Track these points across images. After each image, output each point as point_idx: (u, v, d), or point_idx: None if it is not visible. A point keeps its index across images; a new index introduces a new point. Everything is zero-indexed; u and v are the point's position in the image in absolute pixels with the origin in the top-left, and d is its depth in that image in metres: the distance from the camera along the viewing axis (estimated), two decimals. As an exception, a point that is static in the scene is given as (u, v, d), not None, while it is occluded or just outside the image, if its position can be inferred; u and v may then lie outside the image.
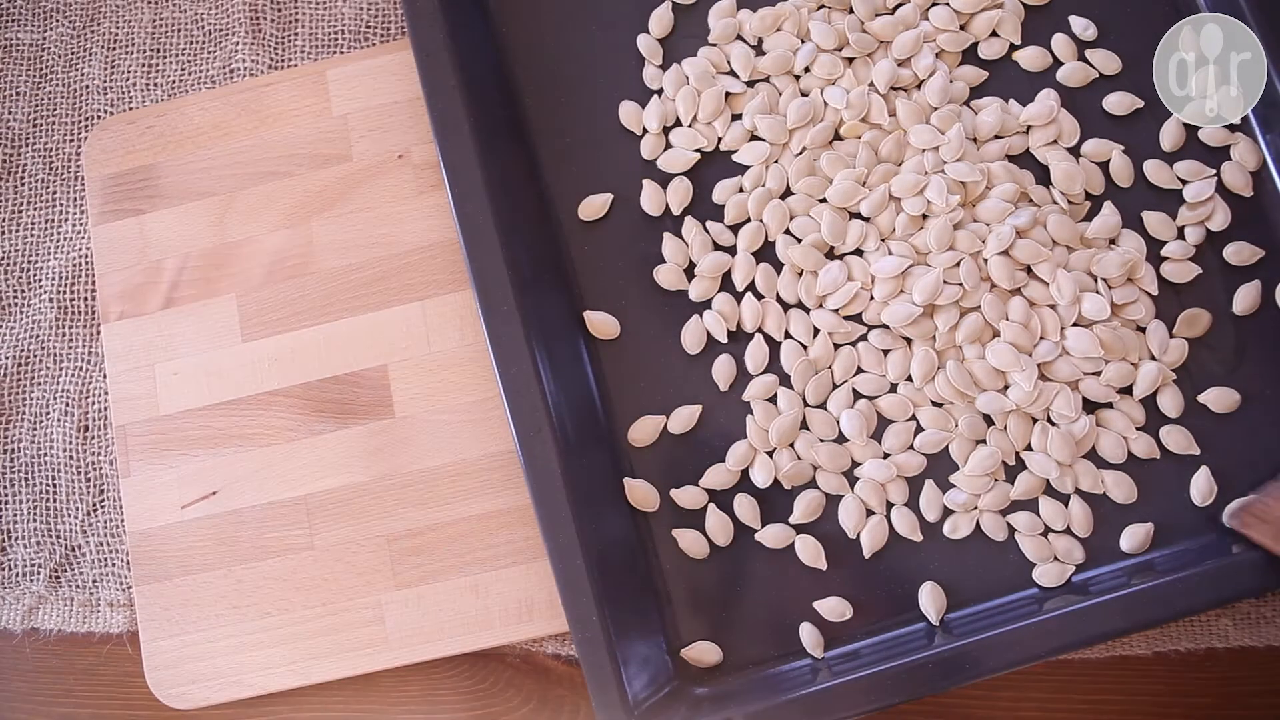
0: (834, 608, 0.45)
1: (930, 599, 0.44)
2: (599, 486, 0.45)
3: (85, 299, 0.52)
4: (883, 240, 0.47)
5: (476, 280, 0.45)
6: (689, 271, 0.48)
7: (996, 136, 0.48)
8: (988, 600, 0.44)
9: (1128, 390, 0.45)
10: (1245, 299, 0.46)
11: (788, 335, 0.47)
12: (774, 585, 0.45)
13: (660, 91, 0.50)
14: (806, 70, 0.49)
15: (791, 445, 0.46)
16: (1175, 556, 0.44)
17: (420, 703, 0.48)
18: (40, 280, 0.53)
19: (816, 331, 0.47)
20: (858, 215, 0.47)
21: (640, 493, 0.46)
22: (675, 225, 0.48)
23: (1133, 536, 0.44)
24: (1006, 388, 0.45)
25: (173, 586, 0.48)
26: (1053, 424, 0.45)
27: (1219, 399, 0.45)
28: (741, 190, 0.48)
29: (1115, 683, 0.46)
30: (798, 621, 0.45)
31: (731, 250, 0.48)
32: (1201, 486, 0.44)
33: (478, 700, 0.48)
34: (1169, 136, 0.48)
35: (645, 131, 0.49)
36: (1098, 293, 0.45)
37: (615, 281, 0.48)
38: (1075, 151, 0.48)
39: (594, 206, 0.49)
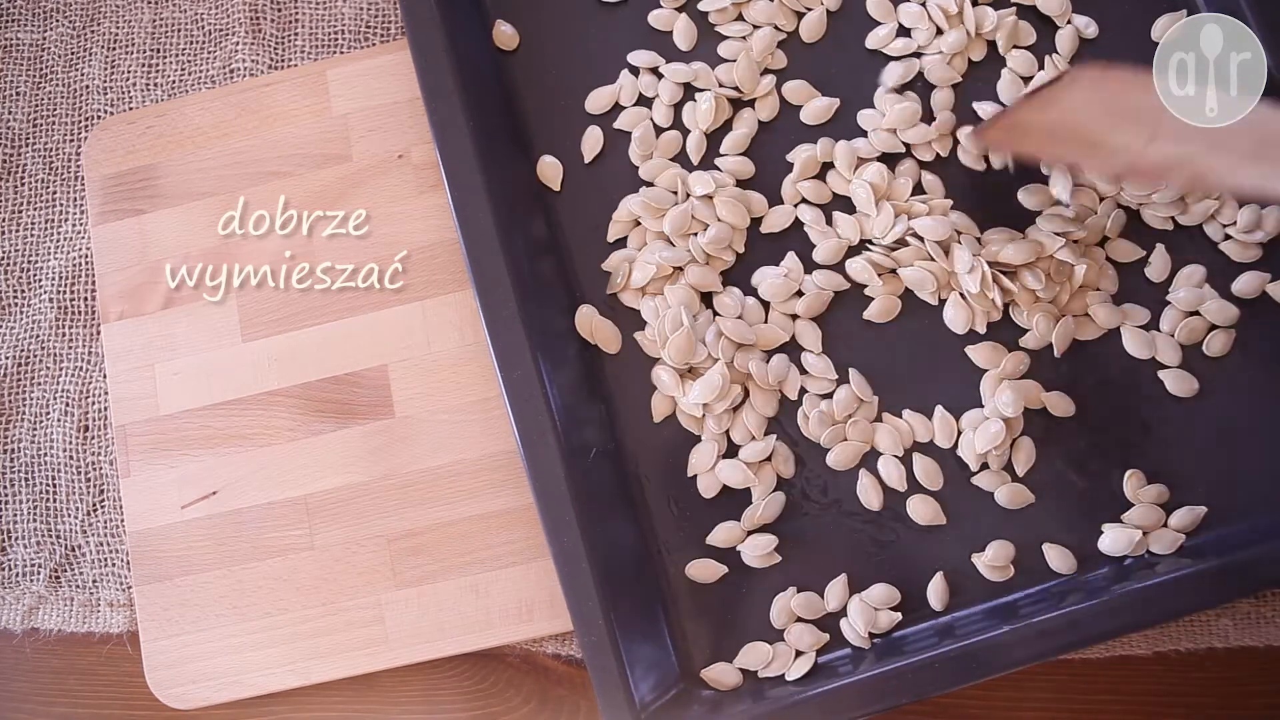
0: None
1: (937, 592, 0.44)
2: (603, 489, 0.45)
3: (85, 299, 0.52)
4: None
5: (478, 284, 0.45)
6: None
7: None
8: (989, 600, 0.44)
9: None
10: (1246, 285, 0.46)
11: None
12: (780, 585, 0.45)
13: (657, 97, 0.50)
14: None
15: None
16: (1174, 556, 0.44)
17: (420, 703, 0.48)
18: (40, 280, 0.53)
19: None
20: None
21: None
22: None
23: (1130, 537, 0.44)
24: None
25: (173, 586, 0.48)
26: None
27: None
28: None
29: (1115, 683, 0.46)
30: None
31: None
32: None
33: (478, 700, 0.48)
34: None
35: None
36: None
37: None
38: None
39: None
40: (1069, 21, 0.49)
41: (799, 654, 0.44)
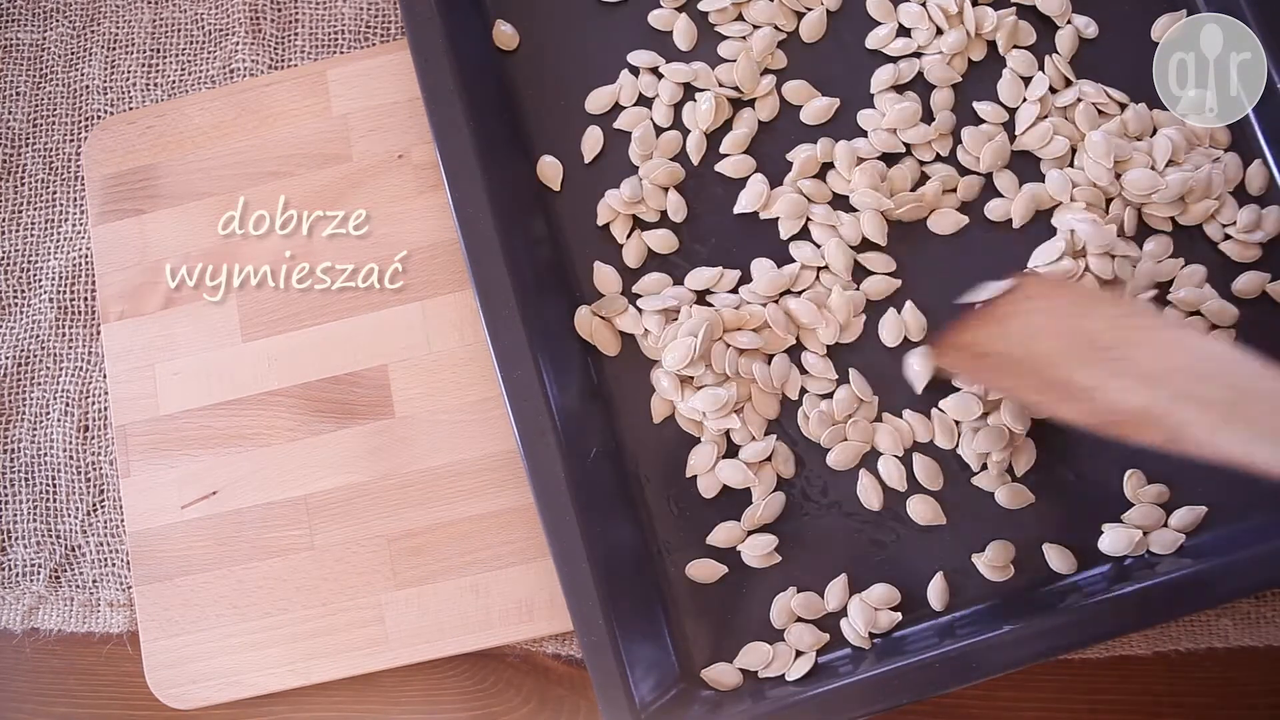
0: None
1: (937, 592, 0.44)
2: (603, 489, 0.45)
3: (85, 299, 0.52)
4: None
5: (478, 285, 0.45)
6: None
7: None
8: (989, 600, 0.44)
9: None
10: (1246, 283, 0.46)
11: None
12: (780, 585, 0.45)
13: (657, 97, 0.50)
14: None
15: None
16: (1174, 556, 0.44)
17: (420, 703, 0.48)
18: (40, 280, 0.53)
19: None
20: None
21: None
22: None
23: (1130, 537, 0.44)
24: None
25: (173, 586, 0.48)
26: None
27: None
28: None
29: (1115, 683, 0.46)
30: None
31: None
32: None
33: (478, 700, 0.48)
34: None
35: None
36: None
37: (615, 281, 0.48)
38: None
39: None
40: (1069, 21, 0.49)
41: (799, 654, 0.44)
